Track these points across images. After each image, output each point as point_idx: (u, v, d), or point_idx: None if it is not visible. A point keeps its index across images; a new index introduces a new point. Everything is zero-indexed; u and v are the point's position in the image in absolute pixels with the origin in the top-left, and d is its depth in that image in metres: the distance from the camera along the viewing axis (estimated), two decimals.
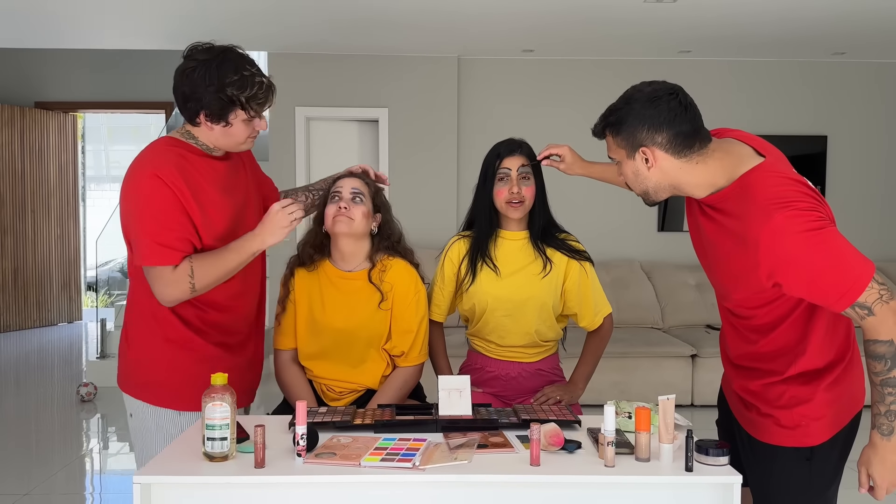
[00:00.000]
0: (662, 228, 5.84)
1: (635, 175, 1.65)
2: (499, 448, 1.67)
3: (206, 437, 1.55)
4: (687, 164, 1.59)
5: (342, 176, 2.24)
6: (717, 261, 1.66)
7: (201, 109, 1.80)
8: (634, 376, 4.67)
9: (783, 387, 1.65)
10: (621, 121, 1.62)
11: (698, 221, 1.70)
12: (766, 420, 1.69)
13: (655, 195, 1.68)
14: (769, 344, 1.65)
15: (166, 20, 4.72)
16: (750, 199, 1.52)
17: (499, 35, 5.05)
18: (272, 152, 5.68)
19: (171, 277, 1.80)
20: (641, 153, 1.61)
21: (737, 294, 1.63)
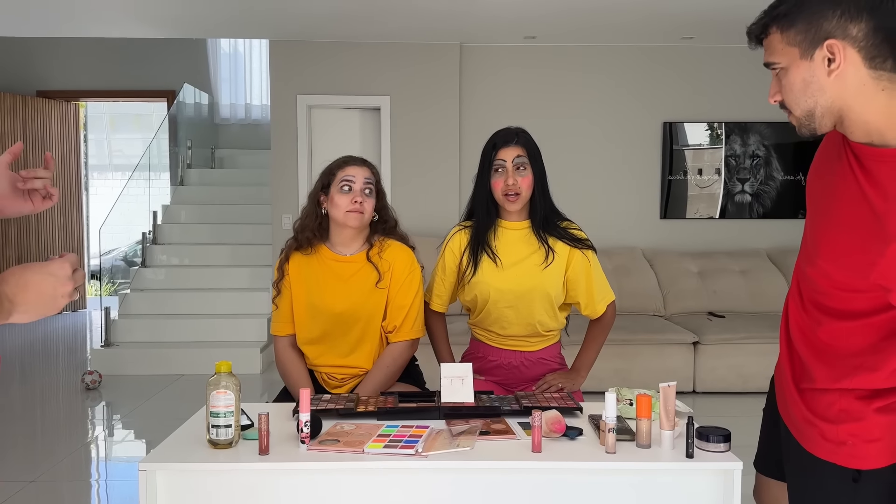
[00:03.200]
0: (665, 216, 5.84)
1: (805, 85, 1.24)
2: (501, 435, 1.68)
3: (211, 425, 1.56)
4: (874, 81, 1.20)
5: (350, 162, 2.23)
6: (828, 224, 1.34)
7: None
8: (636, 363, 4.69)
9: (834, 397, 1.39)
10: (799, 5, 1.22)
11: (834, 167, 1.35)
12: (812, 429, 1.43)
13: (820, 120, 1.27)
14: (834, 334, 1.38)
15: (168, 8, 4.71)
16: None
17: (501, 22, 5.02)
18: (274, 141, 5.68)
19: None
20: (826, 49, 1.20)
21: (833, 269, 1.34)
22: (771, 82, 1.31)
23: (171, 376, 5.33)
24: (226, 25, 5.29)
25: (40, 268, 1.07)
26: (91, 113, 9.57)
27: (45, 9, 4.74)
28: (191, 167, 7.63)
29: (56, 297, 1.08)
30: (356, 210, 2.14)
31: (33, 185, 1.35)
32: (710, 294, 5.31)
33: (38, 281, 1.06)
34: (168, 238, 6.75)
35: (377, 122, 5.73)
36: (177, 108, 7.62)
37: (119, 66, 7.76)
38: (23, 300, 1.05)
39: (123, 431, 4.38)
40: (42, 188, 1.35)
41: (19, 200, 1.35)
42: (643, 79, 5.76)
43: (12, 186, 1.35)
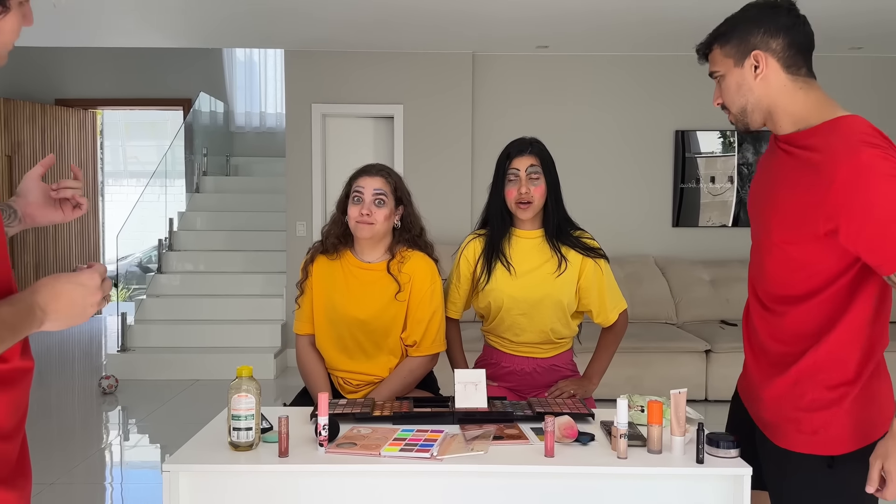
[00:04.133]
0: (677, 224, 5.85)
1: (738, 87, 1.57)
2: (514, 440, 1.71)
3: (232, 428, 1.61)
4: (793, 83, 1.53)
5: (363, 172, 2.26)
6: (776, 201, 1.55)
7: None
8: (648, 371, 4.70)
9: (805, 388, 1.53)
10: (732, 27, 1.56)
11: (771, 163, 1.61)
12: (787, 424, 1.56)
13: (751, 115, 1.58)
14: (798, 319, 1.53)
15: (184, 18, 4.79)
16: (839, 135, 1.45)
17: (513, 31, 5.07)
18: (289, 149, 5.75)
19: None
20: (753, 58, 1.53)
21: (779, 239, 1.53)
22: (715, 90, 1.64)
23: (186, 381, 5.39)
24: (242, 35, 5.37)
25: (71, 278, 1.10)
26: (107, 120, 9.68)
27: (65, 20, 4.83)
28: (206, 175, 7.72)
29: (86, 307, 1.10)
30: (364, 221, 2.17)
31: (64, 194, 1.40)
32: (722, 302, 5.32)
33: (68, 291, 1.09)
34: (184, 244, 6.83)
35: (390, 131, 5.78)
36: (193, 117, 7.72)
37: (136, 74, 7.88)
38: (54, 309, 1.07)
39: (139, 436, 4.43)
40: (72, 198, 1.41)
41: (50, 209, 1.41)
42: (655, 87, 5.79)
43: (44, 196, 1.40)
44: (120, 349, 5.71)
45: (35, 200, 1.40)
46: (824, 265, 1.47)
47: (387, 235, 2.26)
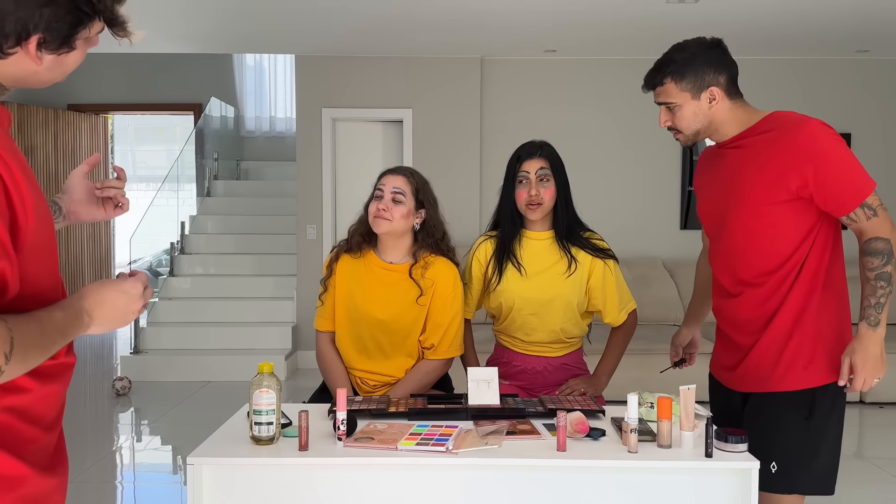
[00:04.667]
0: (685, 226, 5.88)
1: (694, 116, 1.88)
2: (527, 435, 1.76)
3: (254, 422, 1.66)
4: (734, 105, 1.88)
5: (387, 171, 2.32)
6: (742, 185, 1.85)
7: (34, 33, 1.06)
8: (656, 373, 4.71)
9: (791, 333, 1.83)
10: (686, 65, 1.86)
11: (719, 164, 1.94)
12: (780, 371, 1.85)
13: (702, 135, 1.92)
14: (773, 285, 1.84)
15: (195, 23, 4.85)
16: (783, 117, 1.84)
17: (521, 36, 5.12)
18: (299, 153, 5.82)
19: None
20: (709, 93, 1.86)
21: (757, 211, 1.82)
22: (661, 113, 1.93)
23: (198, 383, 5.45)
24: (253, 41, 5.44)
25: (115, 285, 1.15)
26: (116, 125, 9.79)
27: None
28: (217, 179, 7.80)
29: (127, 313, 1.16)
30: (380, 216, 2.22)
31: (107, 193, 1.44)
32: None
33: (113, 297, 1.14)
34: (195, 248, 6.90)
35: (400, 135, 5.84)
36: (203, 121, 7.80)
37: (147, 79, 7.96)
38: (99, 314, 1.12)
39: (150, 437, 4.49)
40: (114, 197, 1.45)
41: (93, 207, 1.45)
42: None
43: (88, 194, 1.44)
44: (133, 351, 5.77)
45: (79, 198, 1.43)
46: (790, 226, 1.81)
47: (405, 235, 2.30)
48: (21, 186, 1.00)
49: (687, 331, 2.36)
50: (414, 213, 2.27)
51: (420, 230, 2.30)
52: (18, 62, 1.08)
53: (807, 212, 1.80)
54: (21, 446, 1.04)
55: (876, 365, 1.73)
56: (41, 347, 1.02)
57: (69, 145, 7.88)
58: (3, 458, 1.01)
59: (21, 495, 1.04)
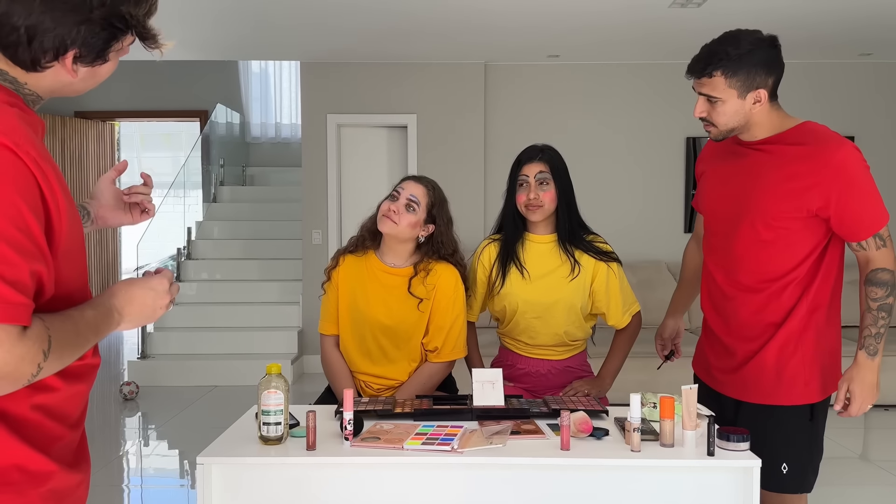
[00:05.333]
0: (689, 230, 5.89)
1: (735, 114, 1.84)
2: (531, 434, 1.78)
3: (262, 423, 1.69)
4: (771, 108, 1.86)
5: (410, 177, 2.36)
6: (762, 190, 1.84)
7: (71, 48, 1.10)
8: (661, 375, 4.72)
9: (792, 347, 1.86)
10: (741, 62, 1.79)
11: (745, 162, 1.90)
12: (777, 384, 1.88)
13: (736, 131, 1.88)
14: (777, 294, 1.85)
15: (201, 31, 4.90)
16: (819, 133, 1.83)
17: (524, 41, 5.15)
18: (305, 159, 5.86)
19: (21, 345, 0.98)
20: (756, 94, 1.82)
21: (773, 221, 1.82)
22: (698, 103, 1.87)
23: (205, 387, 5.48)
24: (258, 48, 5.49)
25: (143, 283, 1.19)
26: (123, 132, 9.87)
27: None
28: (223, 185, 7.85)
29: (155, 309, 1.20)
30: (388, 217, 2.24)
31: (134, 199, 1.48)
32: None
33: (141, 295, 1.18)
34: (201, 253, 6.94)
35: (404, 140, 5.87)
36: (209, 128, 7.85)
37: (154, 86, 8.02)
38: (129, 311, 1.17)
39: (157, 442, 4.52)
40: (141, 202, 1.49)
41: (120, 212, 1.48)
42: (665, 94, 5.85)
43: (116, 199, 1.48)
44: (140, 356, 5.81)
45: (107, 203, 1.47)
46: (802, 241, 1.82)
47: (409, 242, 2.31)
48: (56, 193, 1.04)
49: (672, 322, 2.37)
50: (422, 225, 2.28)
51: (424, 243, 2.31)
52: (55, 75, 1.13)
53: (818, 229, 1.82)
54: (48, 443, 1.08)
55: (872, 392, 1.80)
56: (76, 345, 1.06)
57: (76, 152, 7.94)
58: (32, 454, 1.05)
59: (48, 490, 1.07)
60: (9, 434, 1.03)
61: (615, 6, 4.32)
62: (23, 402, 1.04)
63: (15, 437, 1.03)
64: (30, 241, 0.98)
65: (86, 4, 1.07)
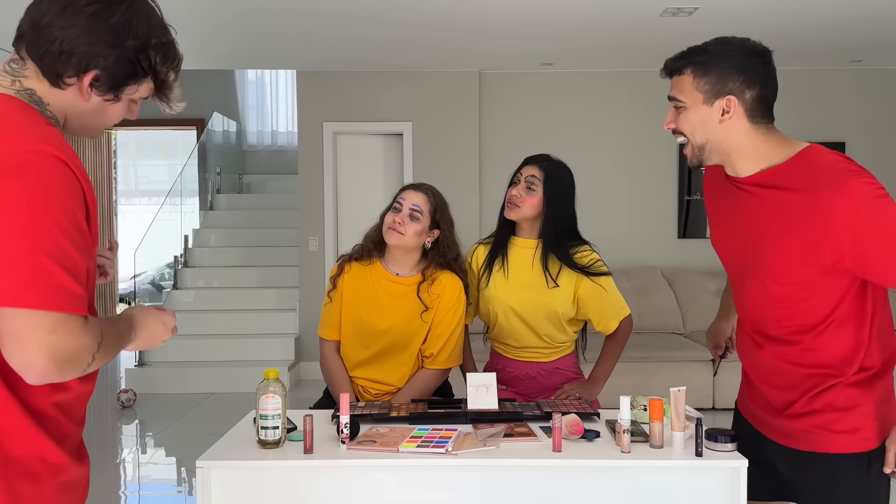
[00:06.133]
0: (683, 235, 5.95)
1: (701, 125, 1.57)
2: (524, 437, 1.82)
3: (260, 427, 1.72)
4: (755, 131, 1.55)
5: (409, 186, 2.39)
6: (766, 244, 1.56)
7: (94, 68, 1.16)
8: (656, 380, 4.78)
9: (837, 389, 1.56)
10: (714, 62, 1.54)
11: (735, 204, 1.63)
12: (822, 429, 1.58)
13: (708, 154, 1.59)
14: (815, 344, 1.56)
15: (197, 40, 4.95)
16: (817, 170, 1.48)
17: (519, 50, 5.21)
18: (301, 167, 5.90)
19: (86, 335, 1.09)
20: (725, 101, 1.53)
21: (784, 280, 1.54)
22: (668, 113, 1.64)
23: (202, 394, 5.50)
24: (254, 57, 5.53)
25: (157, 314, 1.32)
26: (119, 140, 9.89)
27: None
28: (220, 192, 7.88)
29: (158, 339, 1.32)
30: (394, 229, 2.28)
31: (99, 261, 1.46)
32: None
33: (153, 323, 1.31)
34: (198, 261, 6.98)
35: (400, 148, 5.92)
36: (206, 136, 7.89)
37: None
38: (142, 335, 1.29)
39: (154, 449, 4.54)
40: (103, 265, 1.48)
41: None
42: (657, 101, 5.86)
43: None
44: (137, 364, 5.84)
45: None
46: (831, 291, 1.52)
47: (415, 251, 2.35)
48: (91, 202, 1.15)
49: (725, 324, 2.13)
50: (428, 231, 2.33)
51: (431, 249, 2.35)
52: (72, 97, 1.19)
53: (842, 279, 1.51)
54: (63, 438, 1.17)
55: None
56: (113, 349, 1.18)
57: None
58: (52, 447, 1.14)
59: (63, 482, 1.17)
60: (35, 427, 1.11)
61: (608, 15, 4.38)
62: (45, 398, 1.13)
63: (39, 430, 1.12)
64: (83, 240, 1.10)
65: (123, 32, 1.16)
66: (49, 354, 1.03)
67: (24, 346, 1.03)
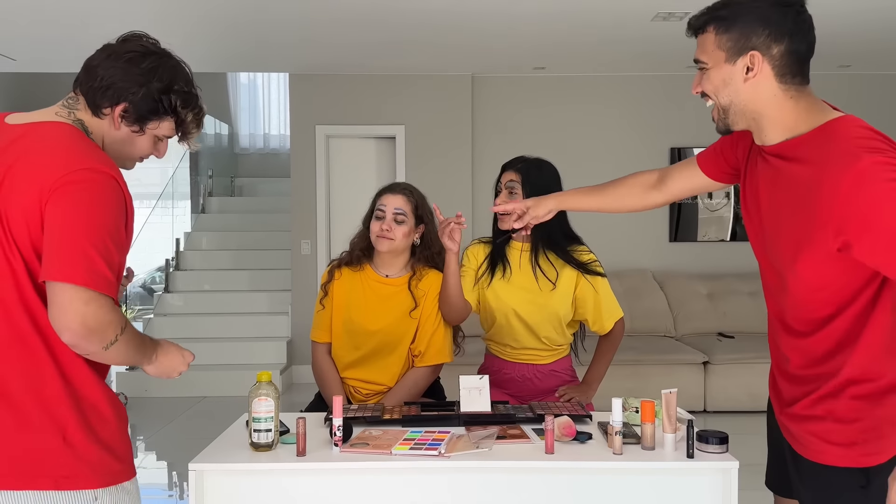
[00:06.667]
0: (675, 239, 5.98)
1: (724, 84, 1.44)
2: (516, 439, 1.82)
3: (253, 429, 1.72)
4: (784, 93, 1.42)
5: (387, 190, 2.40)
6: (780, 224, 1.45)
7: (123, 101, 1.46)
8: (647, 383, 4.79)
9: (839, 398, 1.46)
10: (737, 15, 1.41)
11: (760, 179, 1.51)
12: (817, 438, 1.49)
13: (734, 117, 1.48)
14: (826, 338, 1.46)
15: (189, 43, 4.94)
16: (833, 142, 1.35)
17: (511, 54, 5.23)
18: (294, 169, 5.89)
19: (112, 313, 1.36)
20: (748, 58, 1.41)
21: (796, 266, 1.43)
22: (696, 77, 1.51)
23: (193, 398, 5.48)
24: (247, 60, 5.52)
25: (180, 348, 1.57)
26: None
27: (72, 44, 4.98)
28: (211, 195, 7.86)
29: (175, 370, 1.56)
30: (384, 236, 2.32)
31: None
32: (719, 315, 5.43)
33: (174, 353, 1.55)
34: (190, 264, 6.95)
35: (392, 151, 5.93)
36: (198, 139, 7.86)
37: None
38: (160, 361, 1.52)
39: (147, 453, 4.52)
40: None
41: None
42: (650, 105, 5.94)
43: None
44: (128, 367, 5.81)
45: None
46: (844, 283, 1.40)
47: (405, 251, 2.40)
48: (130, 211, 1.44)
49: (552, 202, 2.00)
50: (414, 230, 2.37)
51: (419, 244, 2.40)
52: (106, 124, 1.48)
53: (856, 267, 1.37)
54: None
55: None
56: (132, 348, 1.43)
57: None
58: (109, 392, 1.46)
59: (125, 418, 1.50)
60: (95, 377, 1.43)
61: (599, 19, 4.40)
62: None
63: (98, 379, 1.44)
64: (121, 240, 1.40)
65: (150, 75, 1.47)
66: (82, 321, 1.31)
67: (64, 312, 1.30)
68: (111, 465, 1.45)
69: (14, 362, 1.36)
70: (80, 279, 1.30)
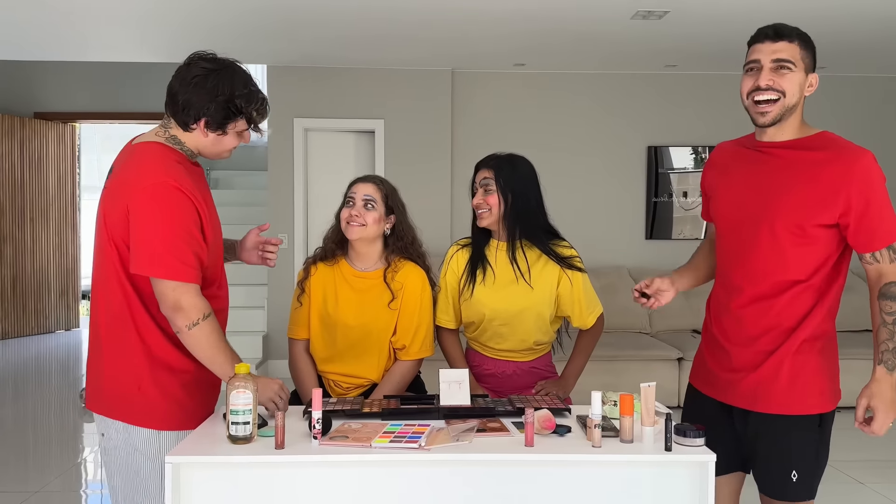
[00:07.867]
0: (650, 237, 6.03)
1: (800, 89, 1.86)
2: (496, 432, 1.83)
3: (231, 422, 1.70)
4: (801, 110, 1.91)
5: (357, 180, 2.40)
6: (786, 194, 1.83)
7: (202, 116, 1.84)
8: (623, 379, 4.84)
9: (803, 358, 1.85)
10: (809, 44, 1.89)
11: (760, 167, 1.90)
12: (784, 393, 1.85)
13: (786, 115, 1.86)
14: (793, 301, 1.84)
15: (166, 34, 4.88)
16: (839, 141, 1.85)
17: (492, 50, 5.23)
18: (271, 162, 5.84)
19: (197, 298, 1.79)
20: (813, 77, 1.89)
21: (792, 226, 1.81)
22: (764, 72, 1.85)
23: None
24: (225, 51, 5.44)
25: (281, 386, 1.94)
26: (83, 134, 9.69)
27: (43, 33, 4.89)
28: None
29: (269, 396, 1.89)
30: (353, 222, 2.30)
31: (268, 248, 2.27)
32: (694, 312, 5.49)
33: (271, 385, 1.92)
34: None
35: (372, 145, 5.90)
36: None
37: (116, 88, 7.91)
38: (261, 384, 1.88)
39: None
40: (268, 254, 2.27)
41: (253, 254, 2.28)
42: (628, 104, 5.98)
43: (253, 245, 2.26)
44: None
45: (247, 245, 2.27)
46: (820, 249, 1.82)
47: (376, 241, 2.37)
48: (203, 211, 1.85)
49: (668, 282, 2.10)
50: (384, 218, 2.35)
51: (391, 235, 2.38)
52: (197, 136, 1.89)
53: (834, 238, 1.82)
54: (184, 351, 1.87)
55: (892, 408, 1.76)
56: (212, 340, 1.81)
57: (35, 154, 7.80)
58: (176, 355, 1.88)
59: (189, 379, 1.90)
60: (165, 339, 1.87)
61: (579, 17, 4.42)
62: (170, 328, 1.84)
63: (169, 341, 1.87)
64: (194, 240, 1.81)
65: (215, 92, 1.83)
66: (173, 302, 1.77)
67: (162, 298, 1.78)
68: (176, 414, 1.86)
69: (112, 326, 1.84)
70: (167, 273, 1.76)
